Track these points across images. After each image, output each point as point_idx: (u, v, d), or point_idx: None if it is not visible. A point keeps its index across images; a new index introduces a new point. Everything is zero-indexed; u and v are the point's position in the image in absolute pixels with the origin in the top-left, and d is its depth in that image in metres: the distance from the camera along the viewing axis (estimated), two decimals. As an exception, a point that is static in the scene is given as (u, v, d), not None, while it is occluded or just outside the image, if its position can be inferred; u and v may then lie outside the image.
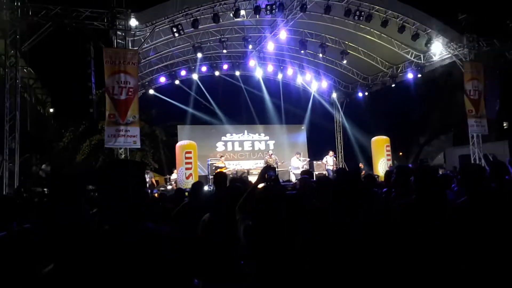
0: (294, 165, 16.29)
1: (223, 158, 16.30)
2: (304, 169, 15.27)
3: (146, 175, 12.81)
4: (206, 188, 11.37)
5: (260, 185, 2.91)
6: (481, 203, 2.81)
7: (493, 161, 11.27)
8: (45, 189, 9.10)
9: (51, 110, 20.30)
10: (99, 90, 15.38)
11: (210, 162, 16.14)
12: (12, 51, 10.86)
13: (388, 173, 5.79)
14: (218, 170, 13.91)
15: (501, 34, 14.92)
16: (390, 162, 16.72)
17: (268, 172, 2.96)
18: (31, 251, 2.20)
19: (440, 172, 10.30)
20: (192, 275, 3.22)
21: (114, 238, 1.56)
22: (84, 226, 2.26)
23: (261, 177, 2.94)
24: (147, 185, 14.71)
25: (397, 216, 2.98)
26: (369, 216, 2.83)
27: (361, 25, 14.65)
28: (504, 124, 22.01)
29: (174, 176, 15.26)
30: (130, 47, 11.66)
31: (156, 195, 9.38)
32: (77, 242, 1.62)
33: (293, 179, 15.01)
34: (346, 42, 16.48)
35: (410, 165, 4.15)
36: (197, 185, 4.89)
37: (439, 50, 15.22)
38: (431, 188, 2.90)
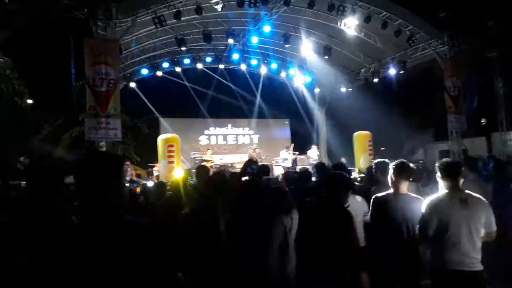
0: (283, 157, 16.35)
1: (209, 151, 16.20)
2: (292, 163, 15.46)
3: (127, 169, 12.61)
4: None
5: (243, 179, 2.90)
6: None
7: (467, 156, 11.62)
8: (21, 182, 8.87)
9: (29, 101, 19.79)
10: (79, 82, 15.07)
11: (193, 156, 16.04)
12: (-12, 40, 10.53)
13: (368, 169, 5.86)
14: (205, 163, 13.84)
15: (480, 32, 15.23)
16: (372, 157, 16.93)
17: (250, 166, 2.96)
18: (7, 244, 2.14)
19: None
20: (175, 268, 3.21)
21: (93, 230, 1.54)
22: (62, 219, 2.21)
23: (243, 171, 2.93)
24: (128, 178, 14.56)
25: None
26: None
27: (344, 20, 14.73)
28: (482, 121, 22.53)
29: (156, 169, 15.11)
30: (111, 38, 11.43)
31: (137, 189, 9.27)
32: (56, 235, 1.59)
33: (279, 172, 15.08)
34: (330, 37, 16.54)
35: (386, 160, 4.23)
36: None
37: (420, 46, 15.45)
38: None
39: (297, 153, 17.19)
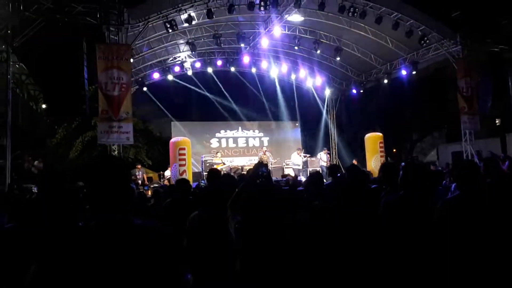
0: (295, 162, 16.31)
1: (219, 154, 16.27)
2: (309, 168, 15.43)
3: (139, 172, 12.77)
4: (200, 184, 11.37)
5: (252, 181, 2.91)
6: (474, 198, 2.82)
7: (486, 157, 11.36)
8: (33, 186, 9.02)
9: (44, 106, 20.13)
10: (92, 86, 15.27)
11: (204, 159, 16.11)
12: (4, 46, 10.73)
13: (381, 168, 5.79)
14: (215, 166, 13.90)
15: (494, 31, 15.02)
16: (383, 159, 16.79)
17: (260, 169, 2.96)
18: (17, 250, 2.18)
19: (432, 169, 10.36)
20: (184, 270, 3.23)
21: (103, 234, 1.56)
22: (73, 223, 2.25)
23: (253, 173, 2.94)
24: (140, 181, 14.67)
25: (382, 212, 3.00)
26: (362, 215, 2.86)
27: (355, 22, 14.67)
28: (496, 121, 22.19)
29: (167, 172, 15.22)
30: (123, 43, 11.57)
31: (149, 192, 9.35)
32: (65, 240, 1.61)
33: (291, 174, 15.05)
34: (340, 39, 16.49)
35: (403, 163, 4.13)
36: (184, 181, 4.91)
37: (432, 47, 15.29)
38: (418, 185, 2.92)
39: (308, 155, 17.14)
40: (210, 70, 18.05)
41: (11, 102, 10.78)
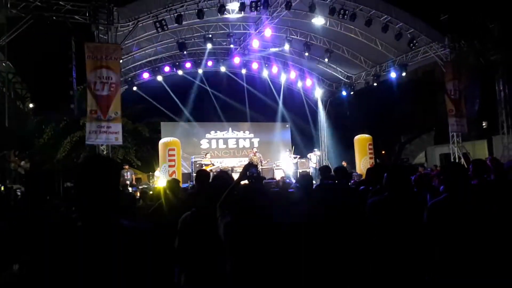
0: (284, 160, 16.42)
1: (208, 155, 16.22)
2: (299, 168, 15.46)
3: (127, 173, 12.61)
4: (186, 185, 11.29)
5: (242, 182, 2.89)
6: (460, 199, 2.85)
7: (474, 159, 11.49)
8: (17, 187, 8.89)
9: (31, 105, 19.83)
10: (81, 86, 15.09)
11: (194, 160, 16.03)
12: (-10, 44, 10.57)
13: (368, 171, 5.87)
14: (204, 167, 13.84)
15: (482, 35, 15.22)
16: (372, 161, 16.91)
17: (250, 170, 2.94)
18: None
19: (421, 171, 10.46)
20: (172, 270, 3.20)
21: (89, 234, 1.54)
22: (59, 223, 2.21)
23: (243, 174, 2.92)
24: (128, 182, 14.51)
25: (368, 211, 3.05)
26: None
27: (345, 24, 14.76)
28: (484, 124, 22.49)
29: (157, 173, 15.11)
30: (112, 42, 11.46)
31: (137, 193, 9.25)
32: (51, 239, 1.58)
33: (280, 175, 15.06)
34: (331, 41, 16.58)
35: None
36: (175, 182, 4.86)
37: (421, 50, 15.46)
38: (401, 186, 3.00)
39: (298, 156, 17.18)
40: (200, 70, 17.99)
41: (-3, 101, 10.62)
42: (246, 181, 2.95)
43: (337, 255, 2.80)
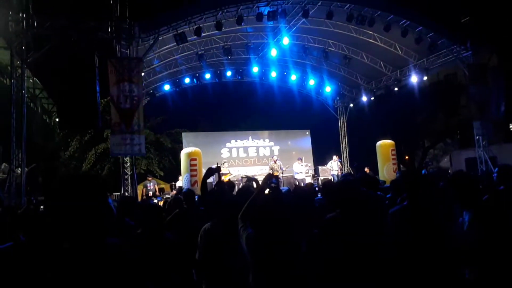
0: (296, 170, 16.31)
1: (226, 164, 16.27)
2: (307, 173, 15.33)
3: (150, 183, 12.77)
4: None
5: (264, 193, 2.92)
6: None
7: (500, 164, 11.16)
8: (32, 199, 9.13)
9: (57, 119, 20.43)
10: (104, 99, 15.48)
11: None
12: (18, 62, 10.97)
13: (394, 182, 5.69)
14: (222, 176, 13.89)
15: (504, 36, 14.88)
16: (395, 167, 16.64)
17: (270, 180, 2.96)
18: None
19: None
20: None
21: (74, 255, 1.53)
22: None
23: (264, 185, 2.94)
24: (151, 193, 14.67)
25: (389, 221, 3.00)
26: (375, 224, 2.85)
27: (363, 30, 14.68)
28: (510, 126, 21.85)
29: (179, 183, 15.28)
30: (134, 56, 11.75)
31: (160, 202, 9.38)
32: (36, 260, 1.61)
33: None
34: (349, 47, 16.51)
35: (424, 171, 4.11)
36: (191, 194, 4.97)
37: (442, 53, 15.19)
38: (420, 194, 2.90)
39: (309, 164, 17.06)
40: (220, 81, 18.20)
41: (25, 116, 11.00)
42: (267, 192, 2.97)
43: (358, 266, 2.78)
